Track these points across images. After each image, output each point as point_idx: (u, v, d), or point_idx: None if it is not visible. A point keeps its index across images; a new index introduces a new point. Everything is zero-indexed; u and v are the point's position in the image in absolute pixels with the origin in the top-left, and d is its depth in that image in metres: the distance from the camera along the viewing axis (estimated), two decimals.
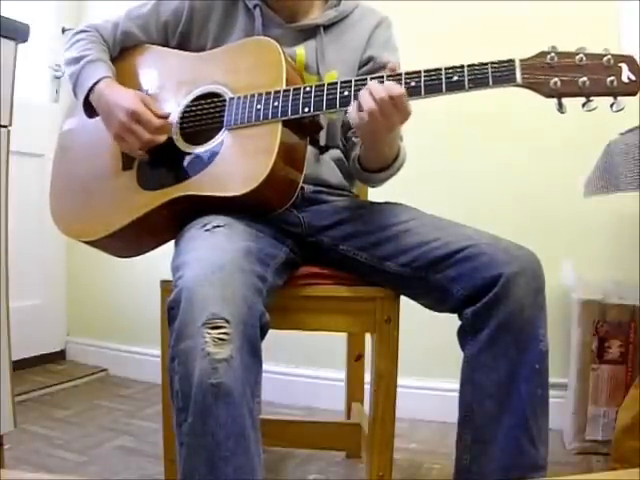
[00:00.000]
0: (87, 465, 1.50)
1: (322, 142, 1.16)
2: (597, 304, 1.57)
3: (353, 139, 1.20)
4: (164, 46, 1.22)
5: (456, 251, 0.99)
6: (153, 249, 1.20)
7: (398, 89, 0.92)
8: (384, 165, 1.11)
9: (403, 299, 1.11)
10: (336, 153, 1.21)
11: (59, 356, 2.45)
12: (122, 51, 1.24)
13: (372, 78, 0.97)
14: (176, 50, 1.21)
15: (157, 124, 1.08)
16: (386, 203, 1.16)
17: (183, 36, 1.21)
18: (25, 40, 1.32)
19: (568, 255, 1.72)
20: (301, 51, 1.16)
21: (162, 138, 1.09)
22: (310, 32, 1.18)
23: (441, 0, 1.84)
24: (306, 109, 1.00)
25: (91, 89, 1.13)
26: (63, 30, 2.34)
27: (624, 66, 0.87)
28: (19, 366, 1.93)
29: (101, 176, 1.16)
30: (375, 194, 1.37)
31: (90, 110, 1.15)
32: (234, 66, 1.11)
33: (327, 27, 1.18)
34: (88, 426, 1.77)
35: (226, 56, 1.14)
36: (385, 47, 1.21)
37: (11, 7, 1.59)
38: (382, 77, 0.96)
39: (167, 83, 1.17)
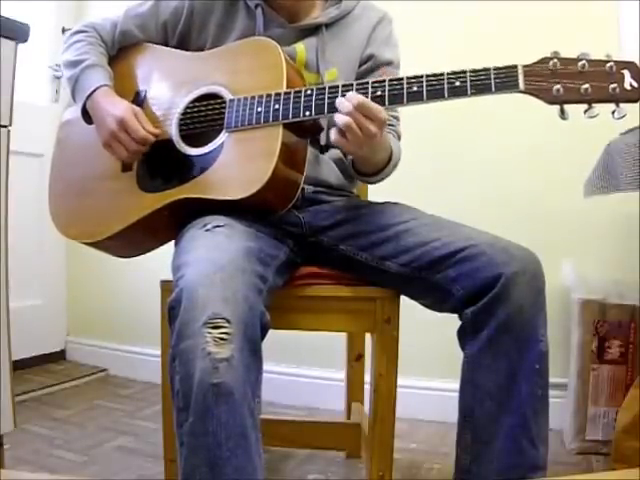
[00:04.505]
0: (87, 465, 1.50)
1: (322, 141, 1.16)
2: (597, 304, 1.57)
3: None
4: (163, 45, 1.22)
5: (456, 251, 0.99)
6: (154, 249, 1.20)
7: (360, 97, 0.92)
8: (378, 169, 1.11)
9: (403, 299, 1.11)
10: (336, 153, 1.20)
11: (59, 356, 2.45)
12: (121, 50, 1.24)
13: (374, 82, 0.97)
14: (176, 50, 1.20)
15: (143, 135, 1.08)
16: (386, 203, 1.16)
17: (183, 36, 1.20)
18: (25, 40, 1.32)
19: (568, 255, 1.72)
20: (301, 47, 1.16)
21: (145, 148, 1.10)
22: (312, 31, 1.17)
23: (441, 0, 1.84)
24: (307, 112, 1.00)
25: (88, 97, 1.13)
26: (63, 30, 2.33)
27: (626, 73, 0.86)
28: (19, 366, 1.94)
29: (100, 177, 1.16)
30: (375, 194, 1.37)
31: (88, 117, 1.16)
32: (234, 67, 1.10)
33: (329, 25, 1.18)
34: (88, 426, 1.77)
35: (226, 56, 1.13)
36: (385, 44, 1.21)
37: (11, 7, 1.59)
38: (384, 81, 0.96)
39: (166, 83, 1.17)
